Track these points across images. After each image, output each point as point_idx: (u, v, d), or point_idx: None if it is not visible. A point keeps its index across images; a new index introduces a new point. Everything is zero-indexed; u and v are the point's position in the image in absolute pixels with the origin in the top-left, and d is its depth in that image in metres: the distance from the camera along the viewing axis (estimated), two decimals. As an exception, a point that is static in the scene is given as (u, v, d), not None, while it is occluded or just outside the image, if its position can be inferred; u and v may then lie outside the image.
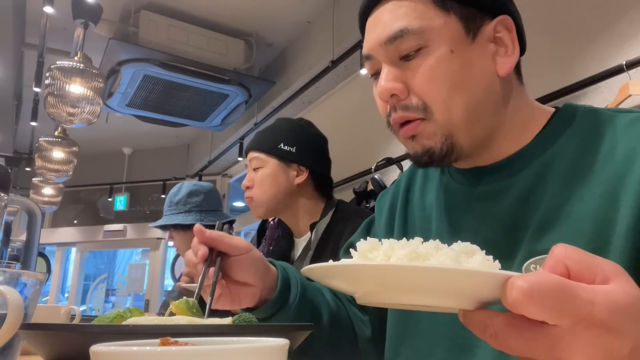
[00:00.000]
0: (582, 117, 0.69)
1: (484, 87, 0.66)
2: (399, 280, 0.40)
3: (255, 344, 0.37)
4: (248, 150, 1.57)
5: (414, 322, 0.75)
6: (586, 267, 0.36)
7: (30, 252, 1.56)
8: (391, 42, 0.66)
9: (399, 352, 0.77)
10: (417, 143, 0.68)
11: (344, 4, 2.91)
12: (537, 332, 0.35)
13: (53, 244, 6.17)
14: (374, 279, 0.41)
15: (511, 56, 0.68)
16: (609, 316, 0.34)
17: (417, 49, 0.65)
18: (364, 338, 0.87)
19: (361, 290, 0.44)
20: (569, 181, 0.63)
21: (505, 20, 0.68)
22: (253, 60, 3.48)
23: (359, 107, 3.19)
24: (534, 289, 0.34)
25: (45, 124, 4.00)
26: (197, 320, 0.75)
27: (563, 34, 1.91)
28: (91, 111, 2.48)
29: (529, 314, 0.34)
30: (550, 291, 0.34)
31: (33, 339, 0.59)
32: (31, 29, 3.33)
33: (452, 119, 0.65)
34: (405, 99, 0.67)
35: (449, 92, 0.65)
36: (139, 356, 0.31)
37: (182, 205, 2.08)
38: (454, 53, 0.65)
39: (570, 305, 0.34)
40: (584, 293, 0.34)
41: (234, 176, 5.56)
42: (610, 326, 0.34)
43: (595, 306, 0.34)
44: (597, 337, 0.34)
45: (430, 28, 0.65)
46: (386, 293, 0.42)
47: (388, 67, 0.67)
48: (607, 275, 0.36)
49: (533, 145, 0.69)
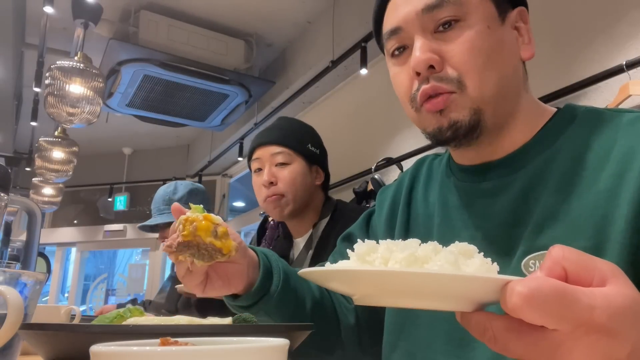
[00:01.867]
0: (583, 117, 0.69)
1: (512, 67, 0.69)
2: (398, 284, 0.39)
3: (255, 344, 0.37)
4: (270, 144, 1.47)
5: (412, 317, 0.75)
6: (584, 269, 0.36)
7: (30, 252, 1.56)
8: (430, 10, 0.67)
9: (397, 345, 0.77)
10: (444, 117, 0.67)
11: (344, 4, 2.91)
12: (537, 337, 0.35)
13: (53, 244, 6.17)
14: (373, 283, 0.41)
15: (529, 44, 0.71)
16: (608, 320, 0.34)
17: (454, 21, 0.66)
18: (347, 326, 0.87)
19: (359, 293, 0.44)
20: (568, 179, 0.64)
21: (523, 12, 0.72)
22: (253, 60, 3.48)
23: (359, 107, 3.19)
24: (533, 295, 0.33)
25: (45, 124, 4.00)
26: (197, 320, 0.75)
27: (563, 34, 1.91)
28: (91, 111, 2.48)
29: (529, 319, 0.35)
30: (549, 296, 0.34)
31: (33, 339, 0.59)
32: (31, 29, 3.33)
33: (484, 93, 0.66)
34: (441, 71, 0.66)
35: (484, 66, 0.66)
36: (139, 356, 0.31)
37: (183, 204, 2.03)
38: (490, 29, 0.67)
39: (570, 310, 0.34)
40: (584, 297, 0.34)
41: (234, 176, 5.56)
42: (610, 330, 0.34)
43: (595, 310, 0.34)
44: (596, 341, 0.34)
45: (468, 1, 0.67)
46: (384, 296, 0.42)
47: (423, 39, 0.67)
48: (604, 276, 0.36)
49: (534, 143, 0.70)
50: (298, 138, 1.49)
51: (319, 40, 3.20)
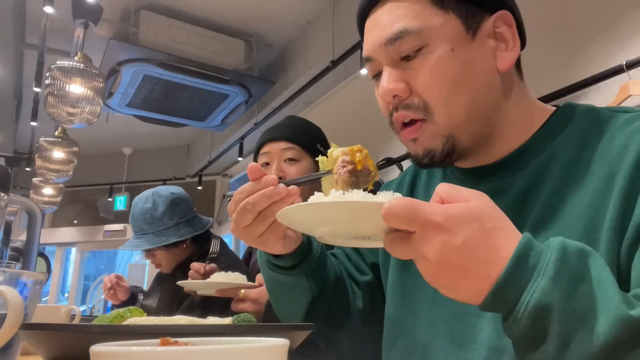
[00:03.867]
0: (581, 116, 0.69)
1: (484, 83, 0.67)
2: (318, 214, 0.54)
3: (255, 344, 0.37)
4: (281, 139, 1.44)
5: (411, 316, 0.75)
6: (452, 196, 0.50)
7: (30, 252, 1.55)
8: (391, 43, 0.67)
9: (396, 343, 0.78)
10: (418, 145, 0.69)
11: (344, 4, 2.91)
12: (407, 239, 0.49)
13: (53, 244, 6.17)
14: (307, 215, 0.55)
15: (512, 51, 0.68)
16: (444, 220, 0.47)
17: (418, 49, 0.66)
18: (355, 309, 0.89)
19: (314, 225, 0.57)
20: (565, 179, 0.64)
21: (505, 15, 0.69)
22: (253, 61, 3.48)
23: (359, 107, 3.19)
24: (392, 207, 0.48)
25: (45, 124, 4.00)
26: (197, 320, 0.75)
27: (563, 34, 1.91)
28: (91, 111, 2.48)
29: (394, 225, 0.49)
30: (400, 207, 0.48)
31: (33, 339, 0.59)
32: (31, 29, 3.33)
33: (452, 119, 0.66)
34: (407, 99, 0.67)
35: (450, 91, 0.65)
36: (139, 356, 0.32)
37: (168, 220, 1.87)
38: (455, 51, 0.65)
39: (416, 215, 0.48)
40: (426, 207, 0.48)
41: (234, 176, 5.56)
42: (445, 227, 0.47)
43: (434, 215, 0.47)
44: (437, 234, 0.47)
45: (429, 27, 0.65)
46: (316, 227, 0.56)
47: (389, 69, 0.68)
48: (466, 199, 0.49)
49: (532, 143, 0.69)
50: (309, 137, 1.48)
51: (319, 40, 3.20)
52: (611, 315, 0.45)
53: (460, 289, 0.49)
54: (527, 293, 0.46)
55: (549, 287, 0.46)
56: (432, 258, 0.48)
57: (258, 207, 0.69)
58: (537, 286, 0.46)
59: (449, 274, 0.48)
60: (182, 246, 1.91)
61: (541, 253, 0.48)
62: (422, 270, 0.50)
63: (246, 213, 0.70)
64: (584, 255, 0.48)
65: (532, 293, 0.46)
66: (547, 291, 0.46)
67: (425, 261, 0.49)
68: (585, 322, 0.45)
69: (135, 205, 1.92)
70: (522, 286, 0.47)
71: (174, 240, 1.83)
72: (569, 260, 0.47)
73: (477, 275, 0.48)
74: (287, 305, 0.87)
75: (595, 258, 0.48)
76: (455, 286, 0.49)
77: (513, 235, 0.49)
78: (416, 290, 0.76)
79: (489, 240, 0.48)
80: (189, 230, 1.89)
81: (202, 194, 5.54)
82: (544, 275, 0.46)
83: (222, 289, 1.26)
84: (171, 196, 1.91)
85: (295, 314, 0.86)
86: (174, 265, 1.94)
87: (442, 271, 0.48)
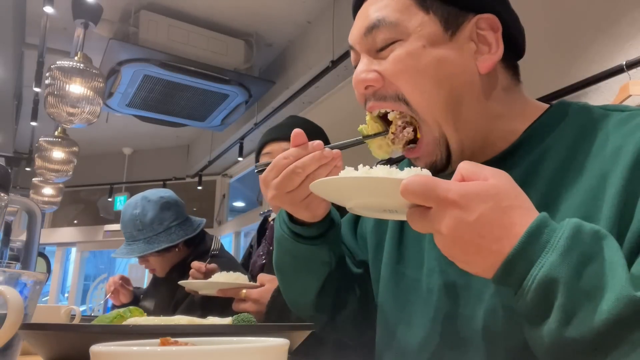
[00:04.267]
0: (574, 114, 0.69)
1: (462, 82, 0.68)
2: (347, 188, 0.57)
3: (255, 344, 0.37)
4: (282, 139, 1.43)
5: (406, 318, 0.75)
6: (473, 173, 0.52)
7: (30, 252, 1.55)
8: (369, 31, 0.69)
9: (390, 345, 0.78)
10: (421, 162, 0.71)
11: (344, 4, 2.91)
12: (425, 214, 0.51)
13: (53, 244, 6.17)
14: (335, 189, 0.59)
15: (494, 54, 0.68)
16: (459, 197, 0.49)
17: (392, 42, 0.68)
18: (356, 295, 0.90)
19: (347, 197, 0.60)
20: (558, 178, 0.64)
21: (490, 19, 0.68)
22: (253, 60, 3.48)
23: (359, 107, 3.18)
24: (409, 183, 0.50)
25: (45, 124, 4.00)
26: (197, 320, 0.75)
27: (563, 34, 1.91)
28: (91, 111, 2.48)
29: (411, 200, 0.51)
30: (417, 183, 0.50)
31: (33, 339, 0.59)
32: (31, 29, 3.33)
33: (432, 111, 0.67)
34: (380, 88, 0.69)
35: (421, 84, 0.67)
36: (139, 356, 0.32)
37: (158, 225, 1.84)
38: (426, 48, 0.67)
39: (432, 191, 0.49)
40: (442, 184, 0.50)
41: (234, 176, 5.56)
42: (460, 204, 0.49)
43: (449, 192, 0.49)
44: (452, 210, 0.49)
45: (406, 23, 0.68)
46: (345, 199, 0.60)
47: (365, 59, 0.71)
48: (485, 177, 0.51)
49: (523, 141, 0.69)
50: (310, 137, 1.48)
51: (319, 40, 3.20)
52: (616, 293, 0.45)
53: (474, 263, 0.51)
54: (536, 267, 0.48)
55: (557, 262, 0.47)
56: (446, 233, 0.50)
57: (308, 169, 0.71)
58: (546, 261, 0.47)
59: (462, 249, 0.50)
60: (174, 250, 1.88)
61: (555, 230, 0.49)
62: (438, 244, 0.52)
63: (294, 176, 0.71)
64: (598, 237, 0.49)
65: (540, 267, 0.47)
66: (554, 266, 0.47)
67: (440, 236, 0.51)
68: (591, 298, 0.46)
69: (125, 211, 1.89)
70: (532, 260, 0.48)
71: (165, 245, 1.80)
72: (582, 238, 0.48)
73: (490, 251, 0.49)
74: (303, 281, 0.85)
75: (611, 241, 0.49)
76: (468, 260, 0.51)
77: (530, 215, 0.50)
78: (409, 293, 0.76)
79: (504, 217, 0.49)
80: (181, 234, 1.85)
81: (202, 194, 5.55)
82: (554, 250, 0.47)
83: (224, 289, 1.26)
84: (160, 200, 1.87)
85: (309, 291, 0.85)
86: (169, 269, 1.92)
87: (455, 246, 0.50)
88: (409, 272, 0.77)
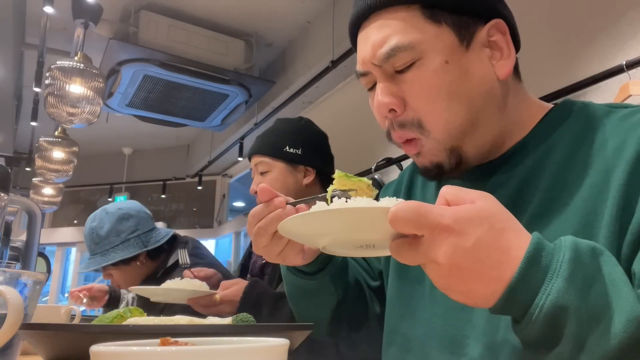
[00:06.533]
0: (578, 112, 0.69)
1: (483, 93, 0.67)
2: (318, 224, 0.52)
3: (255, 344, 0.37)
4: (252, 155, 1.53)
5: (409, 314, 0.76)
6: (459, 198, 0.49)
7: (30, 252, 1.55)
8: (384, 60, 0.66)
9: (394, 340, 0.79)
10: (422, 159, 0.69)
11: (344, 4, 2.91)
12: (414, 244, 0.48)
13: (53, 244, 6.17)
14: (306, 225, 0.53)
15: (508, 59, 0.68)
16: (453, 222, 0.46)
17: (411, 63, 0.65)
18: (372, 312, 0.91)
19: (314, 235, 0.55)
20: (562, 174, 0.64)
21: (498, 23, 0.68)
22: (253, 60, 3.48)
23: (359, 107, 3.19)
24: (398, 211, 0.46)
25: (45, 124, 4.00)
26: (197, 320, 0.75)
27: (563, 33, 1.91)
28: (91, 111, 2.47)
29: (400, 230, 0.47)
30: (407, 211, 0.46)
31: (33, 339, 0.59)
32: (31, 29, 3.33)
33: (450, 133, 0.66)
34: (402, 115, 0.67)
35: (446, 105, 0.65)
36: (139, 356, 0.31)
37: (115, 237, 1.77)
38: (449, 63, 0.65)
39: (424, 218, 0.46)
40: (434, 209, 0.47)
41: (234, 176, 5.56)
42: (455, 229, 0.46)
43: (443, 217, 0.46)
44: (447, 237, 0.46)
45: (421, 41, 0.65)
46: (312, 239, 0.55)
47: (383, 83, 0.68)
48: (472, 200, 0.48)
49: (529, 140, 0.70)
50: (272, 144, 1.51)
51: (319, 40, 3.20)
52: (626, 315, 0.45)
53: (473, 292, 0.48)
54: (541, 295, 0.46)
55: (564, 288, 0.45)
56: (443, 262, 0.46)
57: (270, 229, 0.70)
58: (552, 287, 0.45)
59: (461, 277, 0.47)
60: (135, 263, 1.80)
61: (553, 253, 0.47)
62: (432, 276, 0.49)
63: (260, 237, 0.72)
64: (595, 254, 0.48)
65: (547, 294, 0.46)
66: (562, 292, 0.45)
67: (436, 265, 0.47)
68: (600, 322, 0.45)
69: (85, 225, 1.83)
70: (535, 288, 0.46)
71: (119, 258, 1.72)
72: (582, 260, 0.47)
73: (490, 277, 0.47)
74: (313, 312, 0.87)
75: (607, 257, 0.48)
76: (467, 289, 0.48)
77: (522, 236, 0.48)
78: (413, 288, 0.77)
79: (501, 241, 0.47)
80: (139, 246, 1.77)
81: (202, 194, 5.55)
82: (558, 276, 0.46)
83: (194, 297, 1.26)
84: (118, 212, 1.81)
85: (321, 320, 0.86)
86: (137, 284, 1.82)
87: (453, 275, 0.47)
88: (413, 267, 0.77)
